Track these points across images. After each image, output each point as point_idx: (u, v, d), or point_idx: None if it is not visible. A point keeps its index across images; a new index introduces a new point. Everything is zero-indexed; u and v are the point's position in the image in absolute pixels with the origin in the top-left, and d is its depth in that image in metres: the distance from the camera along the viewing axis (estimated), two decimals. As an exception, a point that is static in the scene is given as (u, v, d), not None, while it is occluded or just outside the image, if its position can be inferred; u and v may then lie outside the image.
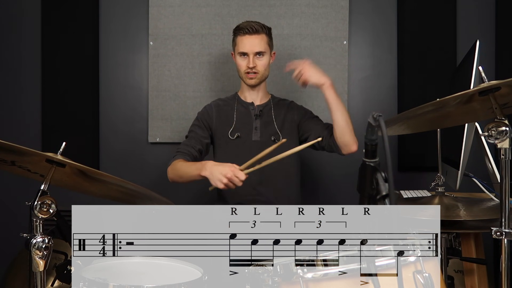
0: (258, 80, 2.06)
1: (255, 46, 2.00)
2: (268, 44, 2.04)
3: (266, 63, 2.04)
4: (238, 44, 2.03)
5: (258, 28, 2.00)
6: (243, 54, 2.02)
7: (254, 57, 2.01)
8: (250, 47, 2.00)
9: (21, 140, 2.58)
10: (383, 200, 0.95)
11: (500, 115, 1.24)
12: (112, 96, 2.71)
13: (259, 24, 2.02)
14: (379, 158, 1.02)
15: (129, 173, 2.66)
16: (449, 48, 2.66)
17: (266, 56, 2.03)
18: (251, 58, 2.00)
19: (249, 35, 2.00)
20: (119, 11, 2.70)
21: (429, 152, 2.49)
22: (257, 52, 2.01)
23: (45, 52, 2.66)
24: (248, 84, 2.07)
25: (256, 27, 2.00)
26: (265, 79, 2.10)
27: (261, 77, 2.06)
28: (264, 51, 2.02)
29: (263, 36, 2.02)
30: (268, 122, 2.08)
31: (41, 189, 1.18)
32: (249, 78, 2.04)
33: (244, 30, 2.00)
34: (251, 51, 2.00)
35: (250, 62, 2.00)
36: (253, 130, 2.06)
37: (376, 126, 0.99)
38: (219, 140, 2.08)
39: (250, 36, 2.00)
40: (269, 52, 2.06)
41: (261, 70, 2.04)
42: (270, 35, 2.07)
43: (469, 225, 1.57)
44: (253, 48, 2.00)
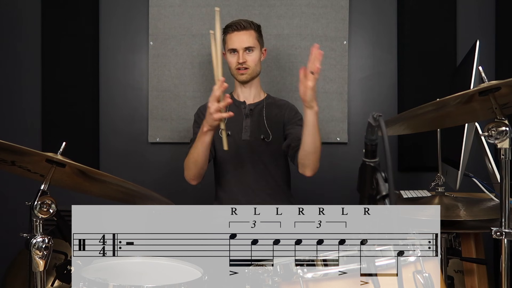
0: (249, 76, 2.06)
1: (244, 41, 2.00)
2: (257, 39, 2.05)
3: (256, 58, 2.04)
4: (228, 42, 2.04)
5: (245, 24, 2.02)
6: (233, 50, 2.03)
7: (243, 52, 2.01)
8: (239, 43, 2.00)
9: (21, 140, 2.58)
10: (383, 200, 0.94)
11: (500, 115, 1.24)
12: (112, 96, 2.71)
13: (247, 21, 2.04)
14: (379, 158, 1.02)
15: (129, 173, 2.66)
16: (449, 48, 2.65)
17: (255, 51, 2.04)
18: (241, 53, 2.01)
19: (238, 31, 2.01)
20: (119, 11, 2.70)
21: (429, 152, 2.49)
22: (247, 48, 2.01)
23: (45, 52, 2.66)
24: (239, 80, 2.08)
25: (244, 24, 2.02)
26: (257, 75, 2.09)
27: (251, 72, 2.05)
28: (253, 46, 2.02)
29: (252, 32, 2.03)
30: (259, 121, 2.07)
31: (41, 189, 1.18)
32: (240, 74, 2.04)
33: (232, 27, 2.02)
34: (240, 47, 2.00)
35: (240, 57, 2.01)
36: (243, 129, 2.06)
37: (376, 126, 0.99)
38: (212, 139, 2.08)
39: (238, 33, 2.01)
40: (259, 48, 2.06)
41: (252, 66, 2.03)
42: (260, 31, 2.08)
43: (469, 225, 1.57)
44: (242, 43, 2.00)
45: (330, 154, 2.67)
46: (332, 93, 2.65)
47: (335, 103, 2.65)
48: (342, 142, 2.67)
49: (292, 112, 2.11)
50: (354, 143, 2.69)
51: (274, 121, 2.08)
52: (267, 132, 2.05)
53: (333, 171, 2.65)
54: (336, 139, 2.66)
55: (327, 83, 2.65)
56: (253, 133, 2.05)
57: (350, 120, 2.68)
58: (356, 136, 2.69)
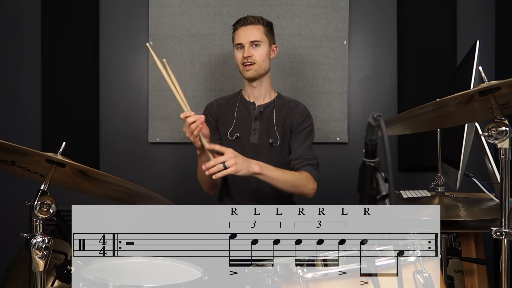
0: (256, 72, 1.96)
1: (250, 35, 1.95)
2: (265, 34, 1.98)
3: (264, 53, 1.96)
4: (235, 38, 2.00)
5: (253, 20, 1.97)
6: (239, 45, 1.97)
7: (249, 47, 1.95)
8: (245, 37, 1.95)
9: (21, 140, 2.58)
10: (383, 200, 0.94)
11: (500, 115, 1.24)
12: (112, 96, 2.71)
13: (255, 17, 1.98)
14: (379, 158, 1.02)
15: (129, 173, 2.66)
16: (449, 48, 2.66)
17: (263, 46, 1.96)
18: (246, 47, 1.94)
19: (244, 26, 1.97)
20: (119, 11, 2.70)
21: (429, 152, 2.49)
22: (253, 42, 1.95)
23: (45, 52, 2.66)
24: (246, 77, 1.99)
25: (251, 19, 1.97)
26: (265, 72, 2.00)
27: (258, 68, 1.96)
28: (260, 40, 1.96)
29: (260, 26, 1.97)
30: (268, 124, 2.01)
31: (41, 189, 1.18)
32: (246, 70, 1.96)
33: (239, 23, 1.98)
34: (246, 41, 1.95)
35: (245, 51, 1.94)
36: (251, 132, 2.01)
37: (376, 126, 0.98)
38: (221, 140, 2.07)
39: (245, 27, 1.96)
40: (267, 43, 1.98)
41: (258, 61, 1.95)
42: (270, 27, 2.02)
43: (469, 225, 1.57)
44: (248, 37, 1.95)
45: (330, 154, 2.67)
46: (332, 93, 2.65)
47: (335, 103, 2.66)
48: (342, 142, 2.67)
49: (300, 119, 2.02)
50: (354, 143, 2.69)
51: (284, 125, 2.02)
52: (275, 136, 2.00)
53: (333, 171, 2.65)
54: (336, 139, 2.66)
55: (327, 83, 2.65)
56: (261, 136, 2.00)
57: (350, 120, 2.68)
58: (356, 136, 2.69)
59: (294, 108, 2.05)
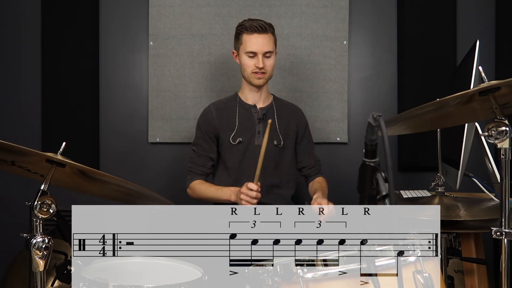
0: (266, 81, 2.01)
1: (265, 45, 1.94)
2: (274, 44, 2.00)
3: (273, 63, 2.00)
4: (246, 43, 1.96)
5: (266, 27, 1.95)
6: (252, 53, 1.95)
7: (263, 57, 1.95)
8: (260, 47, 1.94)
9: (21, 140, 2.58)
10: (383, 200, 0.94)
11: (500, 115, 1.24)
12: (112, 96, 2.71)
13: (266, 23, 1.97)
14: (379, 158, 1.02)
15: (129, 173, 2.66)
16: (449, 48, 2.66)
17: (273, 56, 1.99)
18: (260, 58, 1.94)
19: (258, 33, 1.93)
20: (119, 11, 2.70)
21: (429, 152, 2.49)
22: (266, 52, 1.95)
23: (45, 52, 2.66)
24: (255, 84, 2.01)
25: (265, 26, 1.95)
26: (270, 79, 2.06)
27: (268, 77, 2.01)
28: (272, 51, 1.98)
29: (270, 35, 1.97)
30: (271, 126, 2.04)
31: (41, 189, 1.18)
32: (257, 78, 1.98)
33: (252, 28, 1.94)
34: (261, 51, 1.94)
35: (260, 62, 1.94)
36: (256, 134, 2.02)
37: (376, 126, 0.98)
38: (222, 145, 2.05)
39: (259, 35, 1.93)
40: (275, 52, 2.01)
41: (269, 70, 1.99)
42: (275, 34, 2.03)
43: (469, 225, 1.57)
44: (263, 47, 1.94)
45: (330, 154, 2.67)
46: (332, 93, 2.65)
47: (335, 103, 2.66)
48: (342, 142, 2.67)
49: (303, 122, 2.14)
50: (354, 143, 2.69)
51: (287, 126, 2.06)
52: (279, 138, 2.04)
53: (333, 171, 2.65)
54: (336, 139, 2.66)
55: (327, 83, 2.65)
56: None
57: (350, 120, 2.68)
58: (356, 136, 2.69)
59: (293, 110, 2.12)
